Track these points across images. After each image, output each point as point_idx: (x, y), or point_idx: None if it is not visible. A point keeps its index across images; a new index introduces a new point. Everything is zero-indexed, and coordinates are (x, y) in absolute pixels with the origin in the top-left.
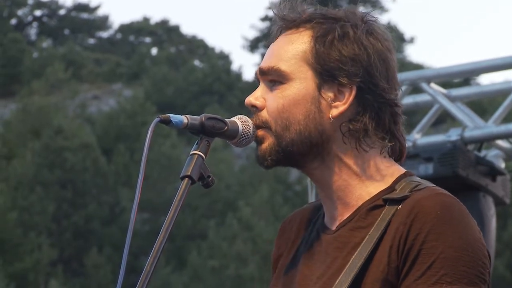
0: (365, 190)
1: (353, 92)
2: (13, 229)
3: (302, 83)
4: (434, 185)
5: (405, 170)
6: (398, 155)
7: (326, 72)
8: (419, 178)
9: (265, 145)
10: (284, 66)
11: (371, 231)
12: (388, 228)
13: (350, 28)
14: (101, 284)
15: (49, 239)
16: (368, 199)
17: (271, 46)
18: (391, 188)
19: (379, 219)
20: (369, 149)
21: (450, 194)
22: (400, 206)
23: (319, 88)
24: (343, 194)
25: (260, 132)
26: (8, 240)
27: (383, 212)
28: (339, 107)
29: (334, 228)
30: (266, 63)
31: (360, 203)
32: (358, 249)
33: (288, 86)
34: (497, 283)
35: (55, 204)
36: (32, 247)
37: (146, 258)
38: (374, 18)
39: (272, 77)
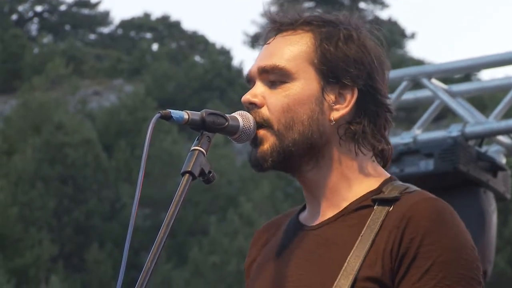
0: (353, 192)
1: (355, 95)
2: (13, 225)
3: (306, 84)
4: (421, 190)
5: (390, 175)
6: (383, 160)
7: (331, 73)
8: (403, 183)
9: (265, 146)
10: (289, 66)
11: (363, 231)
12: (380, 230)
13: (354, 31)
14: (101, 280)
15: (49, 234)
16: (356, 200)
17: (267, 46)
18: (378, 190)
19: (369, 219)
20: (366, 152)
21: (440, 199)
22: (391, 208)
23: (323, 89)
24: (330, 195)
25: (261, 132)
26: (9, 236)
27: (373, 212)
28: (341, 110)
29: (314, 224)
30: (268, 62)
31: (347, 204)
32: (353, 250)
33: (292, 86)
34: (497, 279)
35: (55, 199)
36: (32, 242)
37: (146, 254)
38: (369, 22)
39: (275, 76)
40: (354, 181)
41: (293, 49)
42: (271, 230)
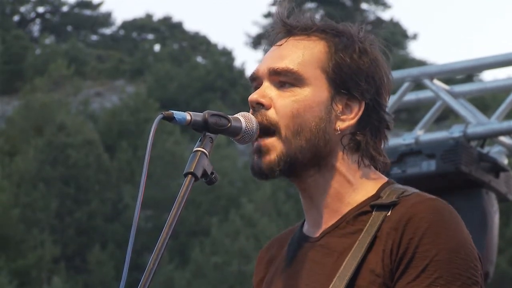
0: (353, 198)
1: (362, 108)
2: (16, 226)
3: (317, 90)
4: (419, 191)
5: (388, 179)
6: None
7: (342, 84)
8: (401, 185)
9: (273, 156)
10: (302, 70)
11: (360, 236)
12: (378, 233)
13: (368, 45)
14: (103, 281)
15: (51, 235)
16: (355, 206)
17: (278, 48)
18: (376, 196)
19: (367, 224)
20: (368, 163)
21: (439, 198)
22: (389, 212)
23: (332, 98)
24: (331, 202)
25: (267, 141)
26: (11, 237)
27: (372, 217)
28: (347, 121)
29: (317, 235)
30: (280, 64)
31: (347, 210)
32: (350, 254)
33: (302, 91)
34: (499, 279)
35: (58, 200)
36: (35, 243)
37: (149, 254)
38: (378, 36)
39: (285, 79)
40: (354, 187)
41: (307, 54)
42: (274, 247)
